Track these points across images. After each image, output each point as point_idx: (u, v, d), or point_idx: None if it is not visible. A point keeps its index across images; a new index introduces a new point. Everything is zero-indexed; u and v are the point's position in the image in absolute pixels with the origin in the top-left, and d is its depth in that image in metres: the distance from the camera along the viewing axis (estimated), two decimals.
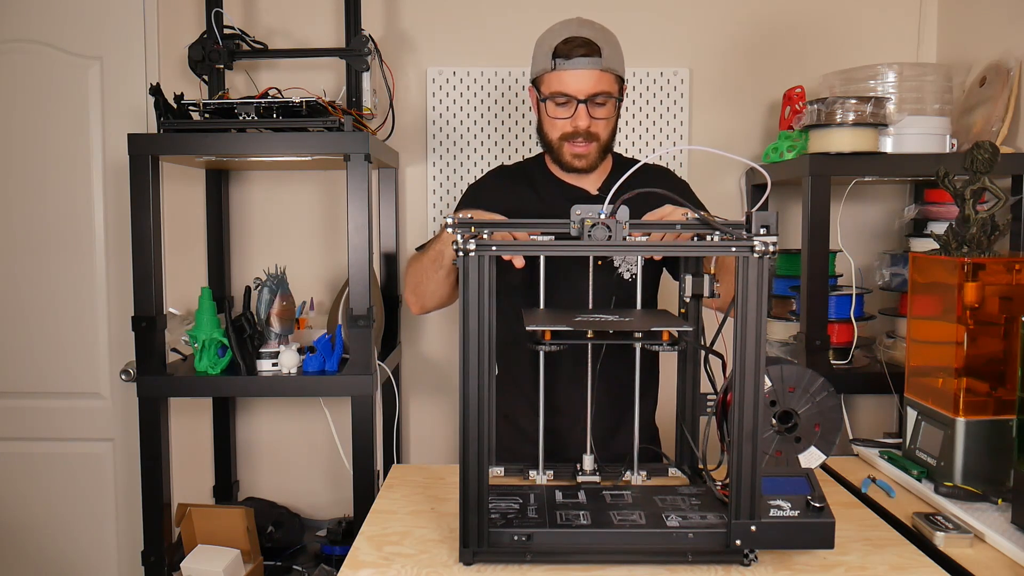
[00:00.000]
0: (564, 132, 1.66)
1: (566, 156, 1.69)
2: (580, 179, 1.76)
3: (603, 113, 1.66)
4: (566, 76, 1.62)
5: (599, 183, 1.75)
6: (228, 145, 1.90)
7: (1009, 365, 1.42)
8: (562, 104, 1.64)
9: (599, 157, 1.70)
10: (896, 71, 2.08)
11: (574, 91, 1.62)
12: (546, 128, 1.70)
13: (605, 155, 1.73)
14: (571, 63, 1.60)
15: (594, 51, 1.61)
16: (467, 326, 1.15)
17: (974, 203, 1.51)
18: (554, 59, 1.62)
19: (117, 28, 2.39)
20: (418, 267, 1.71)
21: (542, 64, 1.66)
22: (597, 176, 1.76)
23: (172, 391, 1.95)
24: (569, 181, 1.76)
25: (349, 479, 1.91)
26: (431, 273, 1.66)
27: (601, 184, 1.75)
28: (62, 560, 2.51)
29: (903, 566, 1.21)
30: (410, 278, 1.75)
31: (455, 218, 1.24)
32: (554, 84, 1.64)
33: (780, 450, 1.24)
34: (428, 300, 1.73)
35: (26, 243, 2.43)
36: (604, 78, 1.63)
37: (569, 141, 1.67)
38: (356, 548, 1.27)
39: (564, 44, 1.62)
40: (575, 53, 1.61)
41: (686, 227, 1.27)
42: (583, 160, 1.68)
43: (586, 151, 1.67)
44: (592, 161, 1.70)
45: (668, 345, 1.31)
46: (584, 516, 1.23)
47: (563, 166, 1.72)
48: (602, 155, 1.71)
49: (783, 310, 2.26)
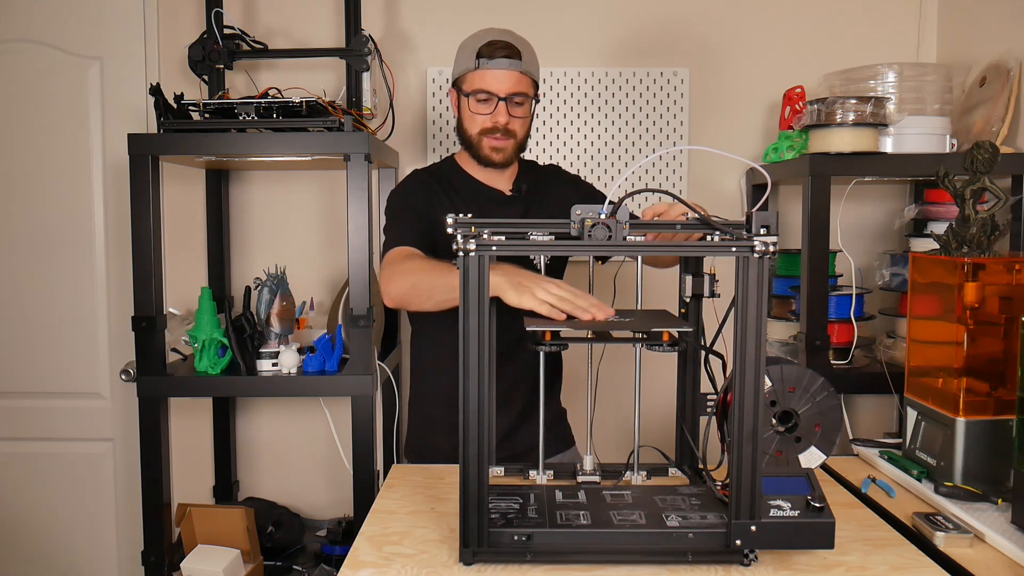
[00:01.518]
0: (484, 127, 1.75)
1: (485, 150, 1.77)
2: (493, 179, 1.83)
3: (520, 112, 1.76)
4: (488, 75, 1.72)
5: (510, 184, 1.84)
6: (228, 145, 1.90)
7: (1009, 365, 1.42)
8: (483, 101, 1.73)
9: (515, 153, 1.80)
10: (896, 71, 2.08)
11: (495, 89, 1.72)
12: (466, 124, 1.78)
13: (519, 152, 1.82)
14: (494, 63, 1.71)
15: (515, 54, 1.73)
16: (467, 326, 1.15)
17: (974, 203, 1.51)
18: (478, 59, 1.73)
19: (117, 28, 2.39)
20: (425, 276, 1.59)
21: (465, 64, 1.75)
22: (508, 176, 1.85)
23: (172, 391, 1.96)
24: (483, 181, 1.83)
25: (349, 479, 1.91)
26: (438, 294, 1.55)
27: (513, 184, 1.84)
28: (62, 560, 2.51)
29: (903, 566, 1.21)
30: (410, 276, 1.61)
31: (455, 218, 1.24)
32: (477, 82, 1.73)
33: (780, 450, 1.24)
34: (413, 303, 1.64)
35: (26, 243, 2.43)
36: (522, 80, 1.74)
37: (488, 135, 1.75)
38: (356, 548, 1.27)
39: (487, 46, 1.73)
40: (497, 54, 1.72)
41: (686, 227, 1.27)
42: (500, 154, 1.77)
43: (504, 145, 1.76)
44: (508, 156, 1.78)
45: (668, 345, 1.31)
46: (584, 516, 1.23)
47: (481, 160, 1.79)
48: (517, 152, 1.80)
49: (783, 310, 2.26)
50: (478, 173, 1.83)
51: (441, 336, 1.74)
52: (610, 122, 2.39)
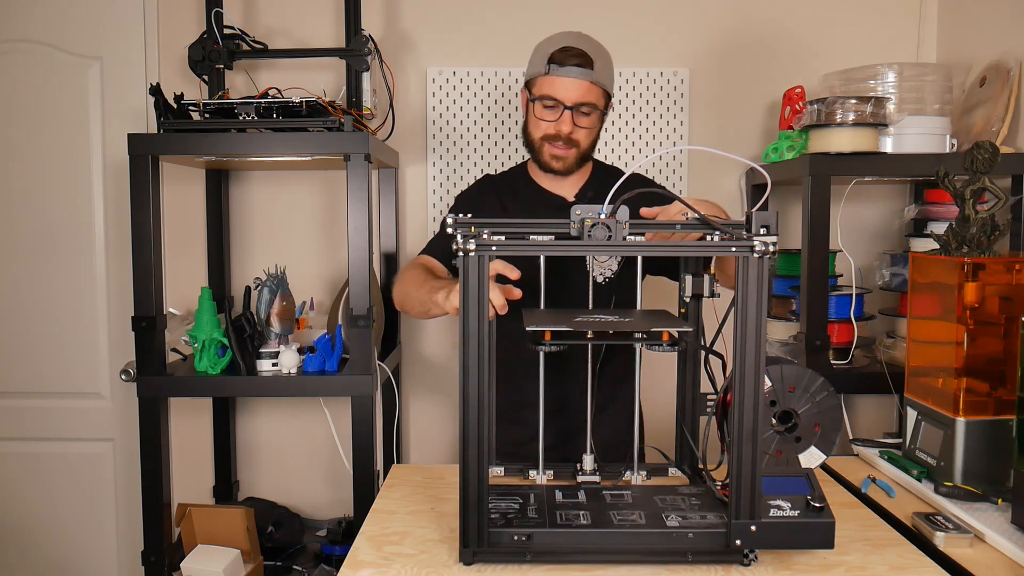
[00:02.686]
0: (547, 133, 1.73)
1: (545, 156, 1.76)
2: (559, 186, 1.82)
3: (586, 123, 1.73)
4: (557, 82, 1.69)
5: (576, 190, 1.82)
6: (228, 145, 1.90)
7: (1009, 365, 1.42)
8: (549, 107, 1.71)
9: (576, 163, 1.77)
10: (896, 71, 2.08)
11: (562, 97, 1.69)
12: (531, 128, 1.77)
13: (583, 162, 1.80)
14: (564, 70, 1.68)
15: (587, 63, 1.68)
16: (467, 326, 1.15)
17: (974, 203, 1.51)
18: (548, 64, 1.69)
19: (117, 28, 2.39)
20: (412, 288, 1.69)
21: (536, 68, 1.73)
22: (574, 183, 1.83)
23: (172, 391, 1.95)
24: (548, 188, 1.82)
25: (349, 479, 1.91)
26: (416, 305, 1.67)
27: (578, 191, 1.82)
28: (62, 560, 2.51)
29: (903, 566, 1.21)
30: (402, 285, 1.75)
31: (455, 218, 1.25)
32: (545, 87, 1.70)
33: (780, 450, 1.24)
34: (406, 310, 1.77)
35: (26, 243, 2.43)
36: (592, 90, 1.70)
37: (550, 142, 1.74)
38: (356, 548, 1.27)
39: (560, 52, 1.69)
40: (569, 62, 1.68)
41: (686, 227, 1.27)
42: (560, 162, 1.75)
43: (564, 154, 1.74)
44: (569, 165, 1.76)
45: (668, 345, 1.31)
46: (584, 516, 1.23)
47: (542, 166, 1.78)
48: (580, 162, 1.78)
49: (783, 310, 2.26)
50: (543, 179, 1.82)
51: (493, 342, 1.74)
52: (610, 122, 2.38)
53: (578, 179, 1.83)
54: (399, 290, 1.76)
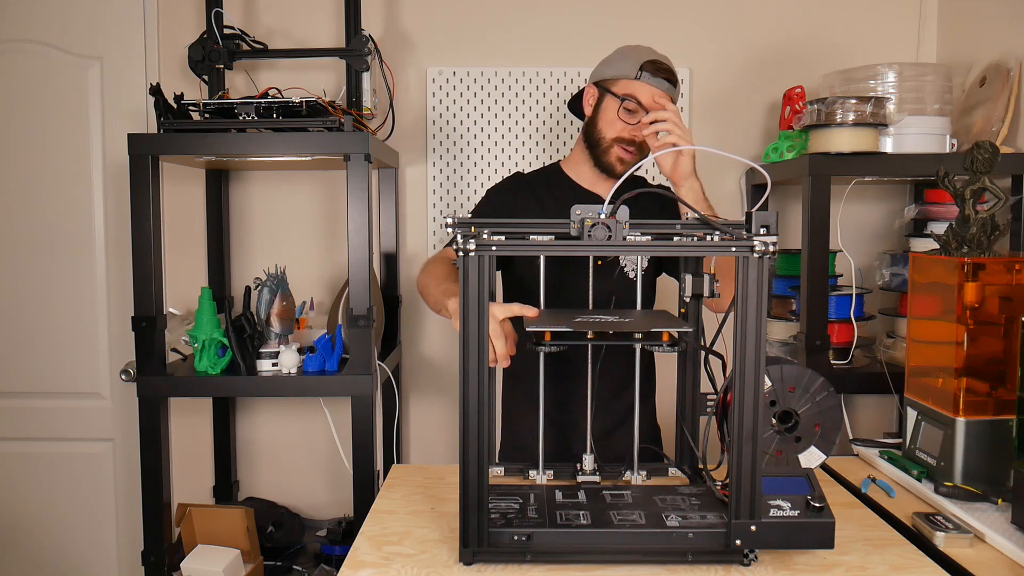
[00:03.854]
0: (622, 136, 1.75)
1: (612, 157, 1.77)
2: (598, 186, 1.82)
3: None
4: (645, 88, 1.73)
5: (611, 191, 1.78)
6: (228, 145, 1.90)
7: (1009, 365, 1.42)
8: (632, 111, 1.74)
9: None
10: (896, 71, 2.08)
11: (648, 104, 1.73)
12: (603, 125, 1.77)
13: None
14: (656, 81, 1.73)
15: (674, 80, 1.76)
16: (467, 326, 1.15)
17: (974, 203, 1.51)
18: (641, 71, 1.74)
19: (117, 28, 2.39)
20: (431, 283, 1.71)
21: (624, 70, 1.76)
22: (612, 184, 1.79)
23: (172, 391, 1.95)
24: (585, 186, 1.82)
25: (349, 479, 1.91)
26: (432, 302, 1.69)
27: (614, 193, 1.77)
28: (62, 560, 2.51)
29: (903, 566, 1.21)
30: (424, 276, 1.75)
31: (455, 218, 1.25)
32: (632, 90, 1.74)
33: (780, 450, 1.24)
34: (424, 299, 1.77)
35: (26, 243, 2.43)
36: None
37: (622, 145, 1.75)
38: (356, 548, 1.27)
39: (652, 63, 1.74)
40: (661, 74, 1.74)
41: (686, 227, 1.27)
42: (625, 166, 1.77)
43: (631, 159, 1.76)
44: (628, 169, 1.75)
45: (668, 345, 1.31)
46: (584, 516, 1.23)
47: (603, 165, 1.78)
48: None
49: (783, 310, 2.26)
50: (584, 178, 1.83)
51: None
52: None
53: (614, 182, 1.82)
54: (421, 280, 1.77)
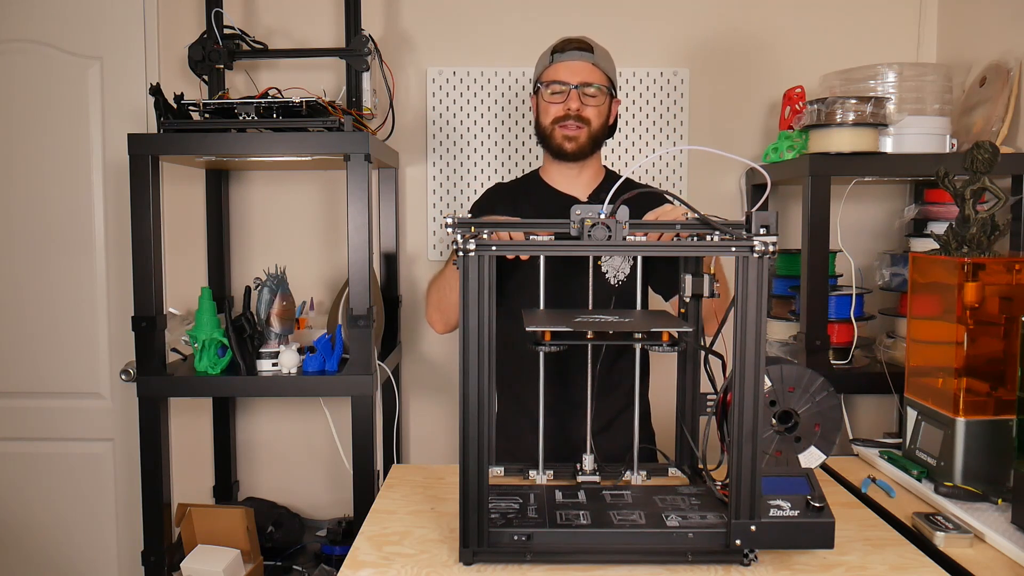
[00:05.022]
0: (556, 116, 1.78)
1: (558, 139, 1.78)
2: (571, 186, 1.83)
3: (594, 102, 1.78)
4: (561, 67, 1.78)
5: (589, 191, 1.83)
6: (228, 145, 1.90)
7: (1009, 365, 1.42)
8: (557, 92, 1.77)
9: (589, 144, 1.79)
10: (896, 71, 2.08)
11: (566, 78, 1.76)
12: (541, 117, 1.81)
13: (595, 147, 1.81)
14: (566, 55, 1.79)
15: (587, 48, 1.78)
16: (467, 326, 1.15)
17: (974, 203, 1.51)
18: (552, 55, 1.80)
19: (117, 28, 2.39)
20: (440, 283, 1.78)
21: (542, 63, 1.82)
22: (587, 183, 1.84)
23: (172, 391, 1.95)
24: (560, 189, 1.83)
25: (349, 479, 1.91)
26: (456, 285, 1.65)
27: (591, 193, 1.83)
28: (62, 560, 2.51)
29: (903, 566, 1.21)
30: (432, 296, 1.81)
31: (455, 218, 1.24)
32: (550, 75, 1.79)
33: (780, 450, 1.24)
34: (453, 314, 1.76)
35: (26, 243, 2.43)
36: (595, 72, 1.77)
37: (560, 124, 1.77)
38: (356, 548, 1.27)
39: (561, 42, 1.80)
40: (569, 47, 1.78)
41: (686, 227, 1.27)
42: (572, 143, 1.77)
43: (576, 134, 1.77)
44: (582, 145, 1.78)
45: (668, 346, 1.31)
46: (584, 516, 1.23)
47: (554, 151, 1.80)
48: (592, 144, 1.79)
49: (783, 310, 2.26)
50: (557, 180, 1.85)
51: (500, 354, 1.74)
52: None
53: (591, 180, 1.84)
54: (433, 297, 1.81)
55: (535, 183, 1.88)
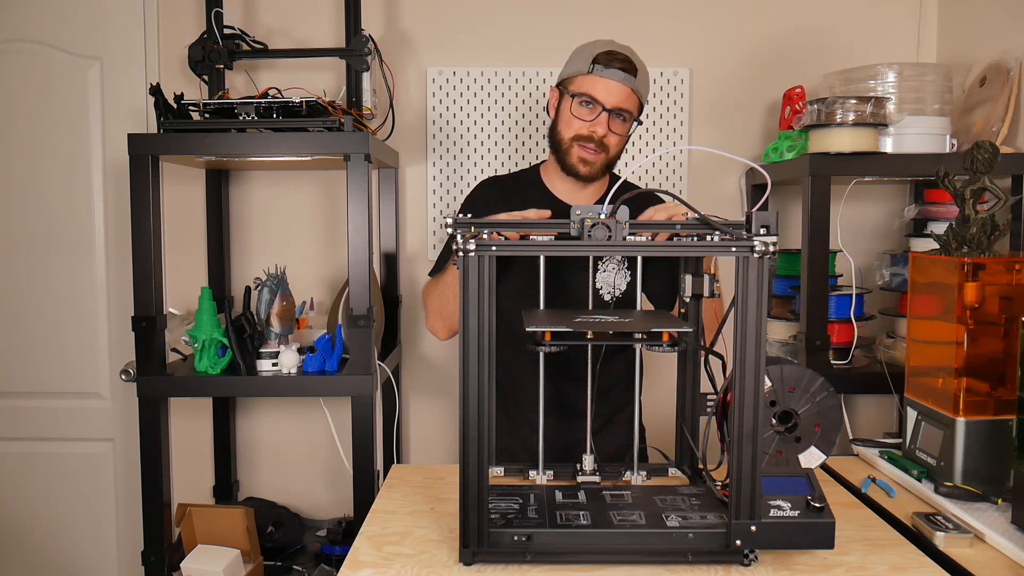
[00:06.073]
0: (579, 134, 1.68)
1: (573, 158, 1.70)
2: (574, 195, 1.77)
3: (620, 129, 1.69)
4: (600, 82, 1.65)
5: (592, 201, 1.77)
6: (228, 145, 1.90)
7: (1009, 365, 1.42)
8: (587, 106, 1.67)
9: (601, 171, 1.73)
10: (896, 71, 2.08)
11: (603, 98, 1.66)
12: (561, 126, 1.71)
13: (606, 172, 1.75)
14: (608, 72, 1.65)
15: (631, 69, 1.66)
16: (467, 326, 1.15)
17: (974, 203, 1.51)
18: (593, 64, 1.66)
19: (117, 28, 2.39)
20: (440, 287, 1.71)
21: (578, 67, 1.69)
22: (592, 194, 1.78)
23: (172, 391, 1.96)
24: (561, 197, 1.77)
25: (349, 479, 1.91)
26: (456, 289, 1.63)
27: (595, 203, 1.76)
28: (62, 560, 2.51)
29: (903, 566, 1.21)
30: (432, 303, 1.75)
31: (455, 218, 1.24)
32: (586, 86, 1.67)
33: (780, 450, 1.24)
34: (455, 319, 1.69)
35: (26, 243, 2.43)
36: (631, 98, 1.68)
37: (581, 144, 1.69)
38: (356, 548, 1.27)
39: (606, 55, 1.66)
40: (614, 64, 1.65)
41: (686, 227, 1.27)
42: (588, 167, 1.70)
43: (594, 159, 1.70)
44: (595, 171, 1.71)
45: (668, 346, 1.31)
46: (584, 516, 1.23)
47: (567, 168, 1.72)
48: (604, 170, 1.74)
49: (783, 310, 2.26)
50: (559, 186, 1.77)
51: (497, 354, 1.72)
52: None
53: (596, 191, 1.77)
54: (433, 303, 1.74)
55: (533, 183, 1.81)
